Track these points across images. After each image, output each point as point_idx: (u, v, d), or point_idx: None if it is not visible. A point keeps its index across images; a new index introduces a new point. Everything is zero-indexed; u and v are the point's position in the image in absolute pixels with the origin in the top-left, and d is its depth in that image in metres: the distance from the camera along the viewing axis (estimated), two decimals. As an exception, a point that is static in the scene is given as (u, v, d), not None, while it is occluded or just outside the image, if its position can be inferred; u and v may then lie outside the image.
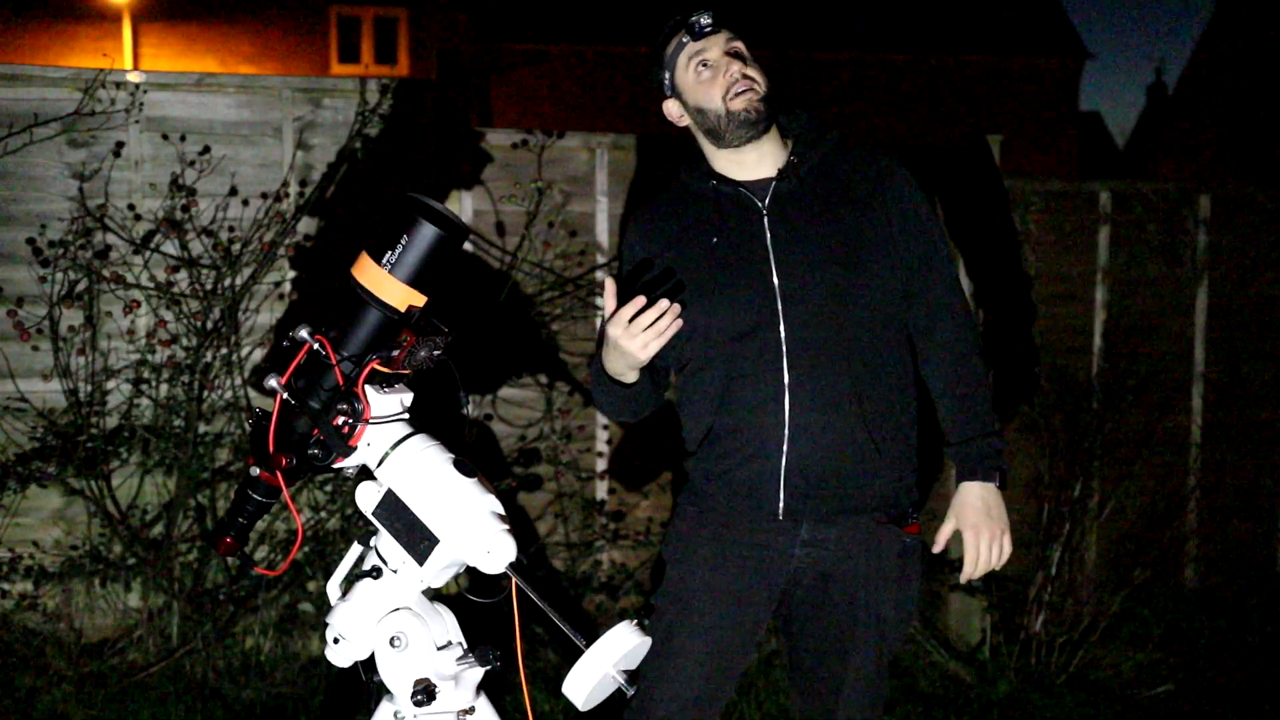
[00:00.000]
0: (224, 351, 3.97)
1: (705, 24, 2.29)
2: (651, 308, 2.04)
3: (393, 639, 1.88)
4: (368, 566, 1.94)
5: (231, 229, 4.02)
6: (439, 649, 1.93)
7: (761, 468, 2.27)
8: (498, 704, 2.03)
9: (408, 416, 1.95)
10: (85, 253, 3.92)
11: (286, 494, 1.90)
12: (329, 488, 4.01)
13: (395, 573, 1.90)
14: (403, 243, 1.82)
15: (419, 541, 1.84)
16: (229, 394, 4.00)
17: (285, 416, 1.90)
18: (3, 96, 3.99)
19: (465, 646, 1.97)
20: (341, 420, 1.88)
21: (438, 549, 1.84)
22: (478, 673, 1.98)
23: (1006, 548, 2.34)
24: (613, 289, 2.11)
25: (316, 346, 1.86)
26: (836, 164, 2.35)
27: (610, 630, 1.80)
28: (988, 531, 2.32)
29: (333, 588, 2.00)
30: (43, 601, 3.98)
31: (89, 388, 3.96)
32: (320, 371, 1.88)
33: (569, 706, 3.45)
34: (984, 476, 2.33)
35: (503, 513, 1.85)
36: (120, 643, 3.98)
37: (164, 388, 3.99)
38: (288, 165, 4.17)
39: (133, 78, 4.09)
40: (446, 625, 1.98)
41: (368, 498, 1.89)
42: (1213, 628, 4.71)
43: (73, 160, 4.02)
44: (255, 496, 1.97)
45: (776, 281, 2.25)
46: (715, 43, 2.30)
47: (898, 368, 2.34)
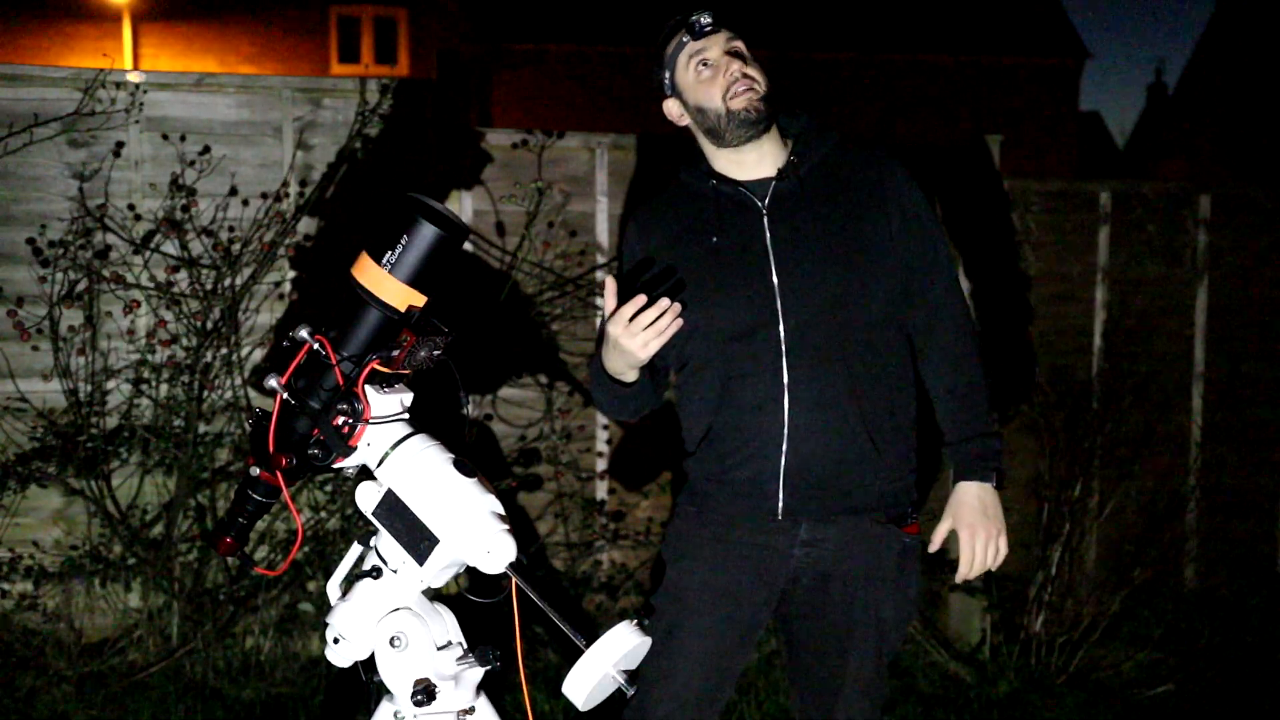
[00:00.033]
0: (224, 351, 3.97)
1: (705, 23, 2.29)
2: (652, 306, 2.04)
3: (393, 639, 1.88)
4: (368, 566, 1.94)
5: (231, 229, 4.02)
6: (439, 649, 1.93)
7: (761, 467, 2.27)
8: (498, 704, 2.03)
9: (408, 416, 1.95)
10: (85, 253, 3.92)
11: (286, 494, 1.90)
12: (329, 488, 4.01)
13: (395, 573, 1.90)
14: (403, 243, 1.82)
15: (419, 541, 1.84)
16: (229, 394, 4.00)
17: (285, 416, 1.90)
18: (3, 96, 3.99)
19: (465, 646, 1.97)
20: (341, 420, 1.88)
21: (438, 549, 1.84)
22: (478, 673, 1.98)
23: (1003, 548, 2.34)
24: (613, 287, 2.11)
25: (316, 346, 1.86)
26: (837, 164, 2.35)
27: (610, 630, 1.80)
28: (984, 531, 2.32)
29: (333, 588, 2.00)
30: (43, 601, 3.98)
31: (89, 388, 3.96)
32: (320, 371, 1.88)
33: (569, 706, 3.45)
34: (981, 476, 2.33)
35: (503, 513, 1.85)
36: (120, 643, 3.98)
37: (164, 388, 3.99)
38: (288, 165, 4.17)
39: (133, 78, 4.09)
40: (446, 625, 1.98)
41: (368, 498, 1.89)
42: (1213, 628, 4.71)
43: (73, 160, 4.02)
44: (255, 496, 1.97)
45: (776, 281, 2.25)
46: (715, 42, 2.30)
47: (897, 367, 2.34)
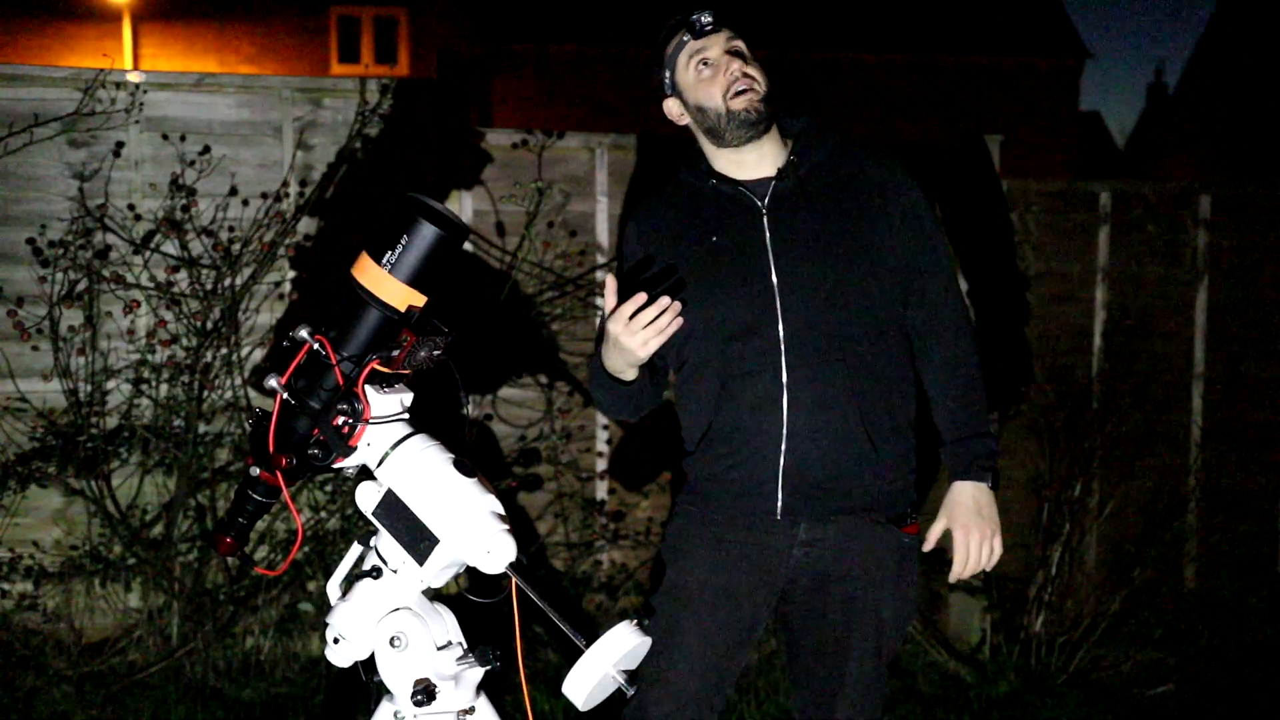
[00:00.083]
0: (224, 351, 3.97)
1: (706, 22, 2.29)
2: (652, 305, 2.04)
3: (393, 639, 1.88)
4: (368, 566, 1.94)
5: (231, 229, 4.02)
6: (439, 649, 1.93)
7: (760, 467, 2.27)
8: (498, 704, 2.03)
9: (408, 416, 1.95)
10: (85, 253, 3.92)
11: (286, 494, 1.90)
12: (329, 488, 4.01)
13: (395, 573, 1.90)
14: (403, 243, 1.82)
15: (419, 541, 1.84)
16: (229, 394, 4.00)
17: (285, 416, 1.90)
18: (3, 96, 3.99)
19: (465, 646, 1.97)
20: (341, 420, 1.88)
21: (438, 549, 1.84)
22: (478, 673, 1.98)
23: (997, 548, 2.34)
24: (613, 286, 2.11)
25: (316, 346, 1.86)
26: (837, 164, 2.35)
27: (610, 630, 1.80)
28: (978, 531, 2.32)
29: (333, 588, 2.00)
30: (43, 601, 3.98)
31: (89, 388, 3.96)
32: (320, 371, 1.88)
33: (569, 706, 3.45)
34: (976, 476, 2.33)
35: (503, 513, 1.85)
36: (120, 643, 3.98)
37: (164, 388, 3.99)
38: (288, 165, 4.17)
39: (133, 78, 4.09)
40: (446, 625, 1.98)
41: (368, 498, 1.89)
42: (1213, 628, 4.71)
43: (73, 160, 4.02)
44: (255, 496, 1.97)
45: (775, 281, 2.25)
46: (716, 41, 2.30)
47: (897, 368, 2.34)
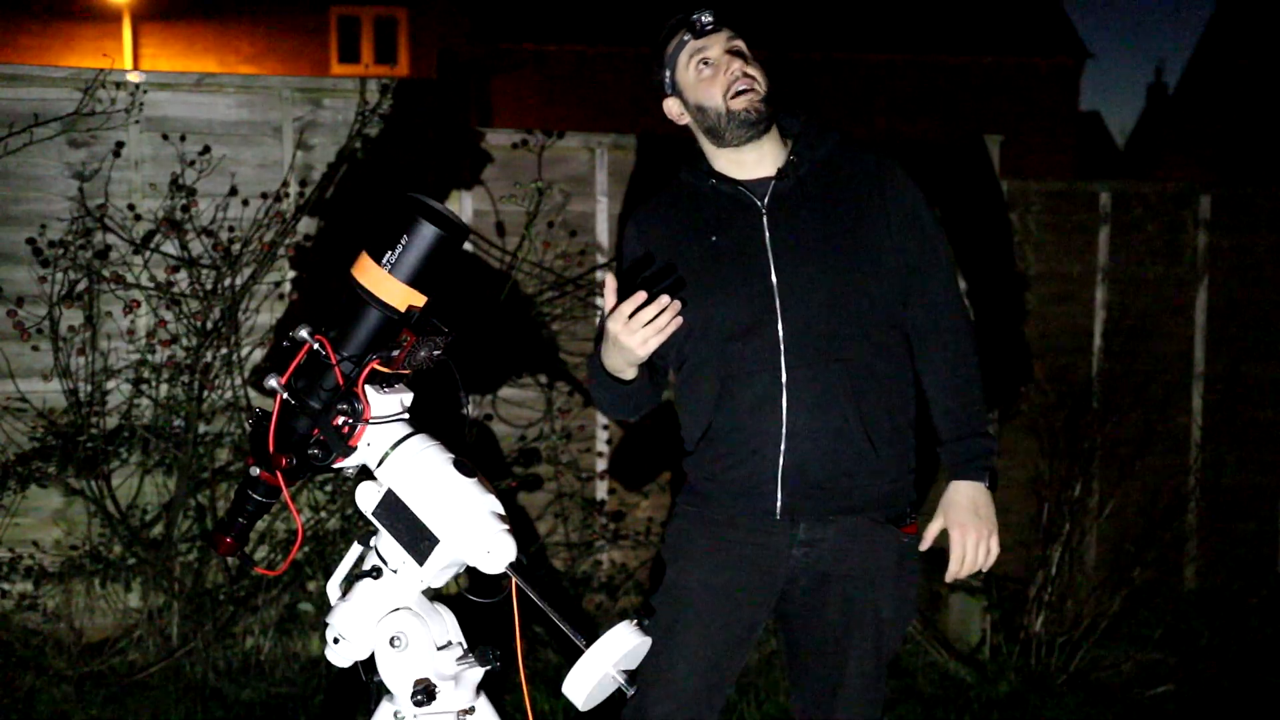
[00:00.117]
0: (224, 351, 3.97)
1: (707, 22, 2.29)
2: (652, 304, 2.04)
3: (393, 639, 1.88)
4: (368, 566, 1.94)
5: (231, 229, 4.02)
6: (439, 649, 1.93)
7: (759, 467, 2.27)
8: (498, 704, 2.03)
9: (408, 416, 1.95)
10: (85, 253, 3.92)
11: (286, 494, 1.90)
12: (329, 488, 4.01)
13: (395, 573, 1.90)
14: (403, 243, 1.82)
15: (419, 541, 1.84)
16: (229, 394, 4.00)
17: (285, 416, 1.90)
18: (3, 96, 3.99)
19: (465, 646, 1.97)
20: (341, 420, 1.88)
21: (438, 549, 1.84)
22: (478, 673, 1.97)
23: (994, 548, 2.34)
24: (613, 285, 2.11)
25: (316, 346, 1.86)
26: (836, 164, 2.34)
27: (610, 630, 1.80)
28: (975, 531, 2.32)
29: (333, 588, 2.00)
30: (43, 601, 3.98)
31: (89, 388, 3.96)
32: (320, 371, 1.88)
33: (569, 706, 3.45)
34: (974, 476, 2.33)
35: (503, 513, 1.85)
36: (120, 643, 3.98)
37: (164, 388, 3.99)
38: (288, 165, 4.16)
39: (133, 78, 4.09)
40: (446, 625, 1.98)
41: (368, 498, 1.89)
42: (1213, 628, 4.71)
43: (73, 160, 4.02)
44: (255, 496, 1.97)
45: (775, 280, 2.25)
46: (716, 41, 2.30)
47: (896, 367, 2.33)
